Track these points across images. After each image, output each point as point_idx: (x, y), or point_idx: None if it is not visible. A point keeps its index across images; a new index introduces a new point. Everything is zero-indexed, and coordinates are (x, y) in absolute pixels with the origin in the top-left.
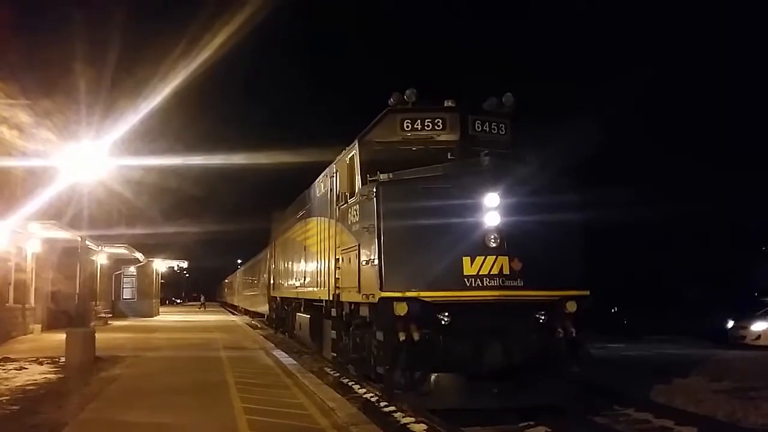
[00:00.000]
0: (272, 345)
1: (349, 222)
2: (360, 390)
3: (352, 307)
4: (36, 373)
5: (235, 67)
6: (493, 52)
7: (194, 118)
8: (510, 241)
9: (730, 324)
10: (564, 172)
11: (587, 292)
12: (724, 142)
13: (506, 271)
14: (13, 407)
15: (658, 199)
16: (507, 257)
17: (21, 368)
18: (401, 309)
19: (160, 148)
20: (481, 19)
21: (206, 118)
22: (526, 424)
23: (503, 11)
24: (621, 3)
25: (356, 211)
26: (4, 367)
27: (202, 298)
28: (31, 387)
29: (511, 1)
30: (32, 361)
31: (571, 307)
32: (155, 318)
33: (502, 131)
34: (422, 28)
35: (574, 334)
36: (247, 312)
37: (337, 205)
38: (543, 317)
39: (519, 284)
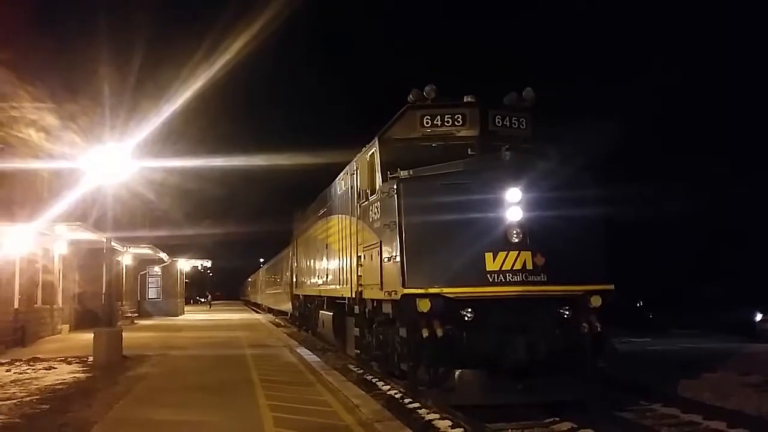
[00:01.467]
0: (296, 342)
1: (371, 219)
2: (384, 387)
3: (375, 304)
4: (65, 373)
5: (256, 69)
6: (492, 52)
7: (216, 121)
8: (532, 235)
9: (758, 317)
10: (586, 166)
11: (612, 287)
12: (726, 137)
13: (529, 266)
14: (43, 406)
15: (678, 195)
16: (530, 252)
17: (50, 368)
18: (424, 305)
19: (183, 150)
20: (482, 19)
21: (227, 120)
22: (551, 420)
23: (502, 11)
24: (621, 2)
25: (377, 208)
26: (34, 367)
27: (209, 297)
28: (60, 386)
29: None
30: (61, 361)
31: (596, 301)
32: (180, 317)
33: (522, 126)
34: (430, 29)
35: (599, 329)
36: (270, 310)
37: (358, 202)
38: (567, 312)
39: (542, 279)
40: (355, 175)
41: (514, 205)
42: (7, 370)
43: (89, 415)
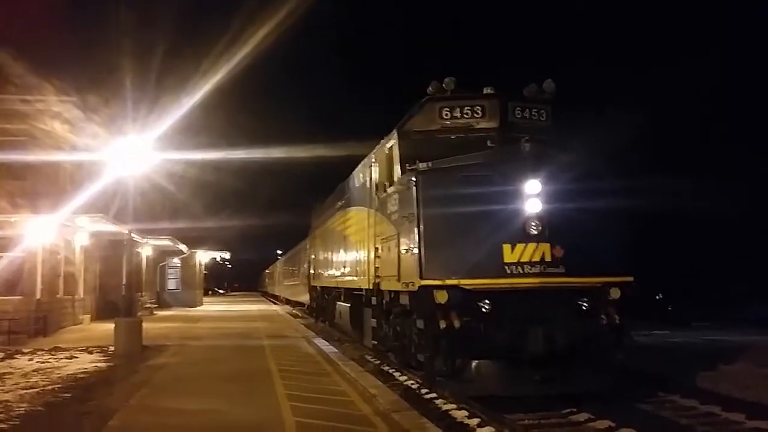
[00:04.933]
0: (313, 333)
1: (389, 211)
2: (401, 377)
3: (392, 295)
4: (86, 362)
5: (276, 62)
6: (514, 44)
7: (236, 113)
8: (551, 227)
9: None
10: (607, 158)
11: (631, 279)
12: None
13: (548, 258)
14: (66, 395)
15: (702, 188)
16: (548, 244)
17: (72, 357)
18: (441, 297)
19: (203, 143)
20: (504, 9)
21: (247, 113)
22: (568, 410)
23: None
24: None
25: (395, 200)
26: (56, 356)
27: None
28: (82, 375)
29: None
30: (82, 350)
31: (615, 293)
32: (199, 308)
33: (542, 117)
34: (454, 20)
35: (617, 321)
36: (288, 301)
37: (376, 194)
38: (586, 304)
39: (561, 271)
40: (373, 167)
41: (533, 196)
42: (30, 359)
43: (110, 403)
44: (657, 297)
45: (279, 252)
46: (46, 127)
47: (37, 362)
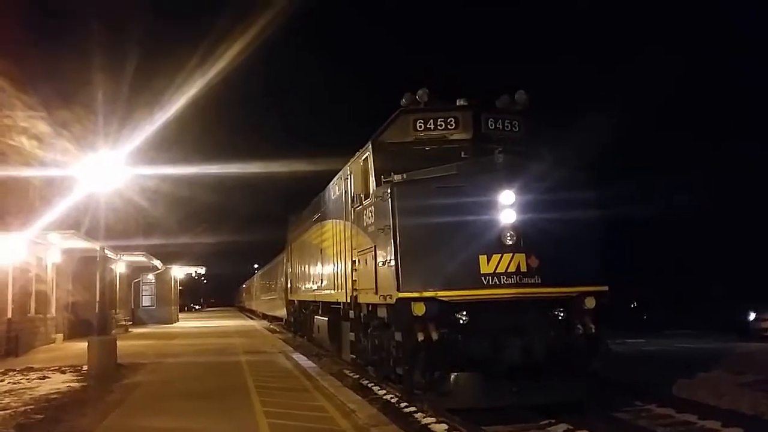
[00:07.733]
0: (291, 348)
1: (365, 223)
2: (380, 391)
3: (370, 308)
4: (59, 382)
5: (250, 76)
6: (488, 49)
7: (210, 128)
8: (526, 238)
9: (752, 316)
10: (579, 167)
11: (606, 288)
12: (741, 130)
13: (523, 269)
14: (38, 416)
15: (677, 193)
16: (524, 254)
17: (44, 377)
18: (419, 309)
19: (177, 158)
20: (478, 11)
21: (222, 128)
22: (547, 421)
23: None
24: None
25: (371, 212)
26: (28, 377)
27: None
28: (54, 395)
29: None
30: (55, 370)
31: (590, 302)
32: (175, 324)
33: (515, 128)
34: (426, 28)
35: (593, 330)
36: (265, 316)
37: (352, 207)
38: (562, 314)
39: (536, 281)
40: (348, 180)
41: (507, 207)
42: (1, 380)
43: (84, 424)
44: (632, 305)
45: (256, 266)
46: (13, 143)
47: (9, 383)
